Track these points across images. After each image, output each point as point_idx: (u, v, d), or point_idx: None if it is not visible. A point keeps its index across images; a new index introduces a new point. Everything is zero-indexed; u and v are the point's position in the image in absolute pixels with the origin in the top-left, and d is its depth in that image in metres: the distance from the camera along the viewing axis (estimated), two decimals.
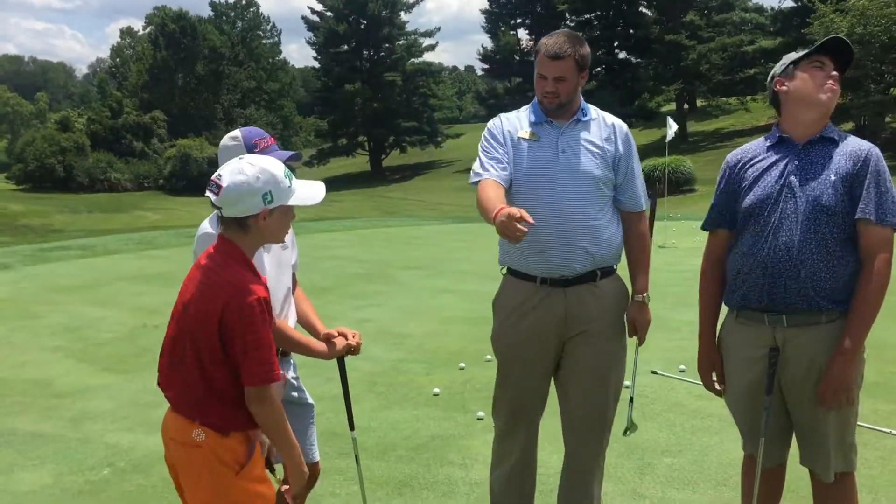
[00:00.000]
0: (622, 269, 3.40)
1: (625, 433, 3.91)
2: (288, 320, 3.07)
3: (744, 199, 2.98)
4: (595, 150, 3.26)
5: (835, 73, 2.92)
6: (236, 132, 2.97)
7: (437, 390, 5.91)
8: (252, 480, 2.43)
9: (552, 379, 3.48)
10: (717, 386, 3.22)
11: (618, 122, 3.38)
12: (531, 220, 2.65)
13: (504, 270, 3.44)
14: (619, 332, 3.40)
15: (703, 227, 3.19)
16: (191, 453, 2.40)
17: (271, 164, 2.41)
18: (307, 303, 3.25)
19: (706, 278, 3.19)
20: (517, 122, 3.35)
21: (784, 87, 2.97)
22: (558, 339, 3.32)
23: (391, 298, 9.64)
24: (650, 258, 3.47)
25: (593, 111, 3.36)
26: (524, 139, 3.28)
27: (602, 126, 3.33)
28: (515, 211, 2.67)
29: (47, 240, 22.37)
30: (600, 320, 3.31)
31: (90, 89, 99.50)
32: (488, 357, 6.58)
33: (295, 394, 3.15)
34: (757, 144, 3.09)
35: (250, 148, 2.88)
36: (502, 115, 3.44)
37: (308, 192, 2.53)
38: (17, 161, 56.04)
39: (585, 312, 3.27)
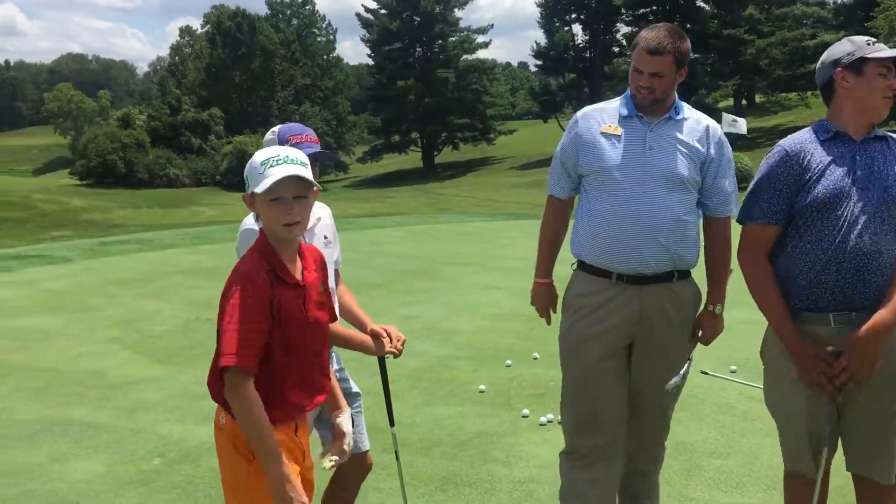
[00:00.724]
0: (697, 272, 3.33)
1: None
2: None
3: (810, 193, 2.82)
4: (685, 150, 3.17)
5: (894, 81, 2.82)
6: (276, 127, 3.05)
7: (482, 387, 5.89)
8: (264, 473, 2.36)
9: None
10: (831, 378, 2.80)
11: (712, 123, 3.28)
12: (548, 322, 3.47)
13: (574, 265, 3.38)
14: (688, 335, 3.34)
15: (757, 220, 2.90)
16: (217, 435, 2.48)
17: (262, 152, 2.40)
18: (349, 296, 3.28)
19: (766, 273, 2.91)
20: (605, 114, 3.27)
21: (846, 83, 2.86)
22: (628, 338, 3.25)
23: (440, 295, 9.65)
24: (730, 266, 3.37)
25: (687, 110, 3.26)
26: (609, 133, 3.20)
27: (695, 126, 3.23)
28: (546, 308, 3.50)
29: (108, 234, 22.93)
30: (673, 322, 3.24)
31: (151, 87, 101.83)
32: (536, 355, 6.56)
33: (352, 388, 3.17)
34: (809, 137, 2.92)
35: (283, 142, 2.95)
36: (588, 109, 3.35)
37: (269, 179, 2.31)
38: (81, 157, 57.59)
39: (660, 313, 3.20)
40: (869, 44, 2.88)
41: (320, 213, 3.17)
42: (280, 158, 2.34)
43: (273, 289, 2.33)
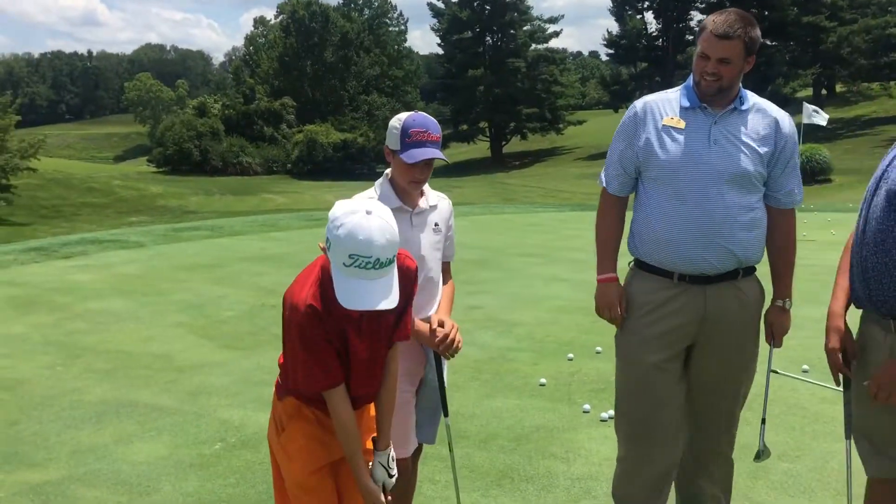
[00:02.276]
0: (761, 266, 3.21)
1: (757, 457, 3.66)
2: (433, 301, 3.12)
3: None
4: (751, 143, 3.00)
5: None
6: (403, 115, 2.99)
7: (543, 380, 5.81)
8: (284, 450, 2.58)
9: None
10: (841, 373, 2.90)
11: (780, 113, 3.10)
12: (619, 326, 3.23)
13: (631, 263, 3.27)
14: (755, 335, 3.21)
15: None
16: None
17: (355, 230, 2.17)
18: (448, 291, 3.24)
19: (844, 260, 2.92)
20: (665, 105, 3.11)
21: None
22: (690, 339, 3.13)
23: (503, 285, 9.58)
24: (795, 259, 3.25)
25: (751, 98, 3.09)
26: (671, 127, 3.05)
27: (761, 117, 3.06)
28: (615, 308, 3.17)
29: (181, 220, 23.50)
30: (738, 322, 3.12)
31: (226, 77, 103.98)
32: (598, 349, 6.44)
33: (431, 375, 3.16)
34: None
35: (404, 135, 2.91)
36: (648, 99, 3.18)
37: (348, 292, 2.21)
38: (158, 145, 59.24)
39: (725, 314, 3.08)
40: None
41: (438, 202, 3.16)
42: (370, 262, 2.17)
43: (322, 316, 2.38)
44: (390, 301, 2.23)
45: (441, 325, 2.99)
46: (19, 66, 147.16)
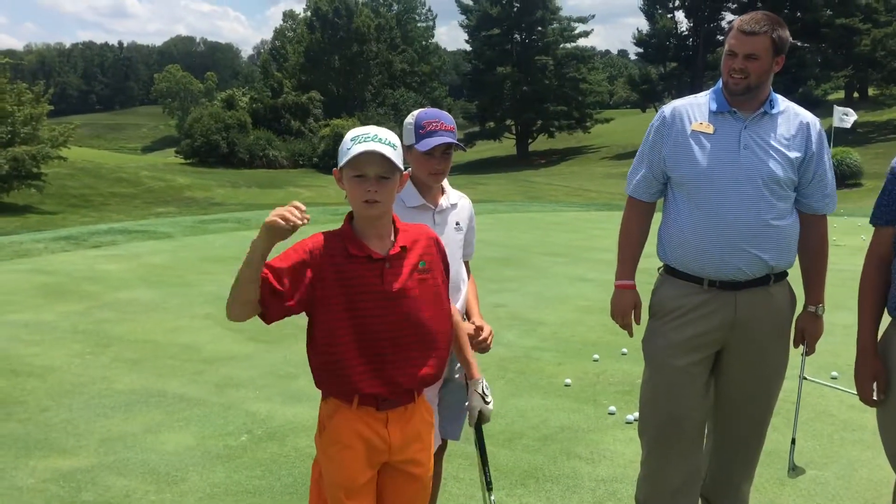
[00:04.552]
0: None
1: (790, 473, 3.66)
2: (456, 299, 3.10)
3: None
4: (781, 149, 2.97)
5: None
6: (417, 111, 3.04)
7: (568, 381, 5.80)
8: (324, 452, 2.50)
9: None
10: (875, 396, 2.83)
11: (810, 118, 3.07)
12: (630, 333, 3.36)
13: (661, 269, 3.25)
14: (786, 340, 3.18)
15: (871, 221, 2.87)
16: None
17: (355, 129, 2.40)
18: (472, 287, 3.28)
19: (867, 279, 2.85)
20: (694, 110, 3.08)
21: None
22: (719, 345, 3.11)
23: (527, 284, 9.56)
24: (827, 265, 3.22)
25: (782, 102, 3.06)
26: (700, 132, 3.02)
27: (791, 121, 3.02)
28: (627, 315, 3.30)
29: (208, 212, 23.66)
30: (769, 328, 3.09)
31: (254, 70, 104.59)
32: (624, 350, 6.41)
33: (457, 376, 3.17)
34: None
35: (418, 127, 2.95)
36: (676, 104, 3.15)
37: (354, 151, 2.33)
38: (186, 136, 59.64)
39: (755, 319, 3.05)
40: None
41: (458, 200, 3.20)
42: (368, 136, 2.35)
43: (327, 260, 2.40)
44: (396, 156, 2.34)
45: (481, 329, 3.06)
46: (51, 55, 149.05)
